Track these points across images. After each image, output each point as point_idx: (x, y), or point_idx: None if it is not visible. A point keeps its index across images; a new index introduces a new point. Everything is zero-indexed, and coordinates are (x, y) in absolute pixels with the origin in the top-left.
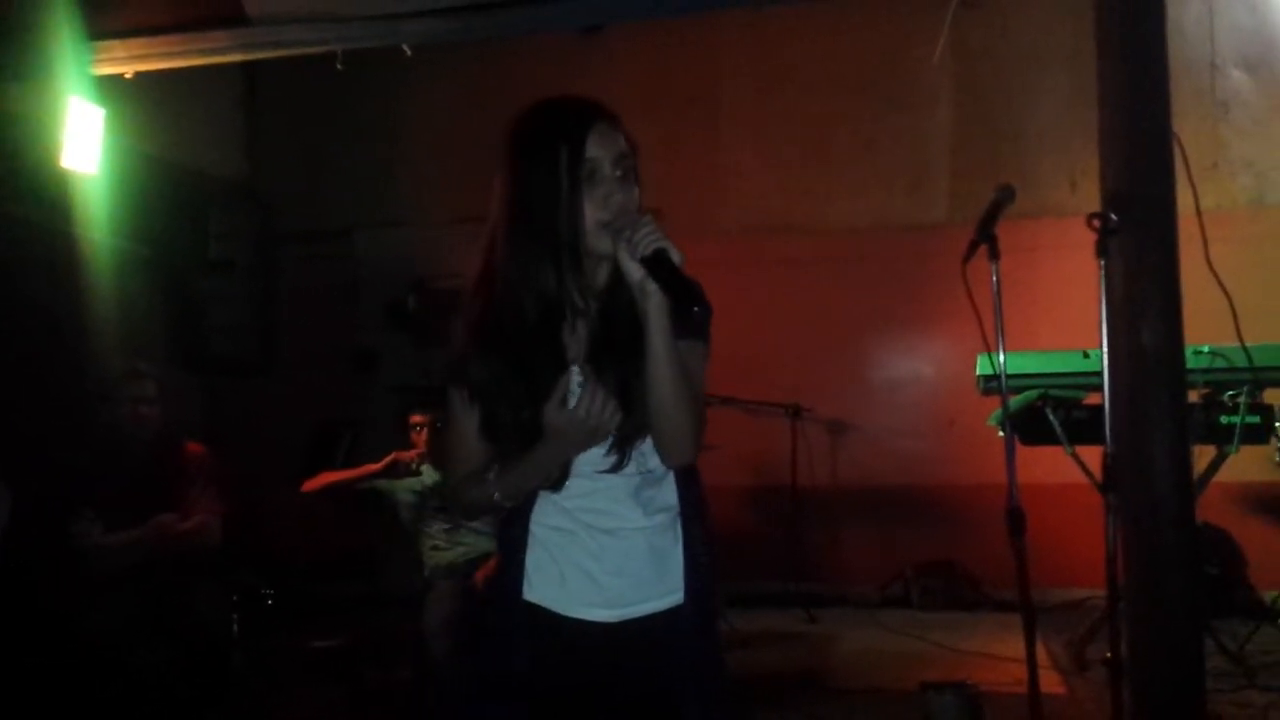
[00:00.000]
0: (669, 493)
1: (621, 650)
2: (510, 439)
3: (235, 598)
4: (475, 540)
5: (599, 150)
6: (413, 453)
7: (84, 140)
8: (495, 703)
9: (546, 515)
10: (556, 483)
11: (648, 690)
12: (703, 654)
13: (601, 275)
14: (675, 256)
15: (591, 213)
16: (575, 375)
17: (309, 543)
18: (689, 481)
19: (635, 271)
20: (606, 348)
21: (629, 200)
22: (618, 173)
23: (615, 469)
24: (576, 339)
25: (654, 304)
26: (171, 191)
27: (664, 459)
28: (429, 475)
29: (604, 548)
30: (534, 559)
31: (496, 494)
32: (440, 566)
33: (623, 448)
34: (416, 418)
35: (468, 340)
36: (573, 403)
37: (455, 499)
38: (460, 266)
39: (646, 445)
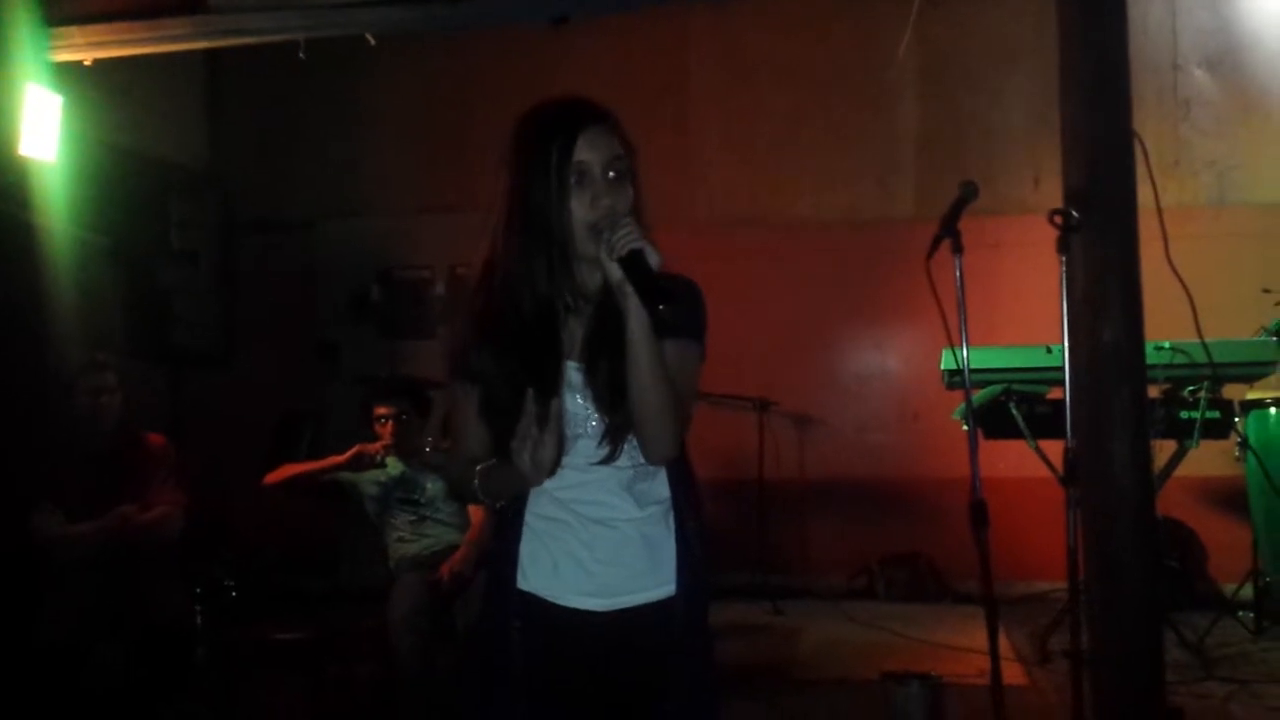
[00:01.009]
0: (662, 485)
1: (614, 640)
2: (504, 426)
3: (198, 590)
4: (440, 532)
5: (589, 153)
6: (377, 445)
7: (42, 128)
8: (494, 691)
9: (540, 505)
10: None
11: (638, 679)
12: (693, 645)
13: (598, 276)
14: (652, 259)
15: (580, 215)
16: (573, 370)
17: (272, 534)
18: (682, 474)
19: (615, 272)
20: (600, 344)
21: (619, 202)
22: (610, 175)
23: (607, 461)
24: (571, 335)
25: (633, 305)
26: (132, 180)
27: (645, 455)
28: (394, 467)
29: (596, 537)
30: (528, 549)
31: (478, 485)
32: (405, 559)
33: (614, 440)
34: (380, 409)
35: (469, 331)
36: (567, 398)
37: (453, 482)
38: (424, 257)
39: None
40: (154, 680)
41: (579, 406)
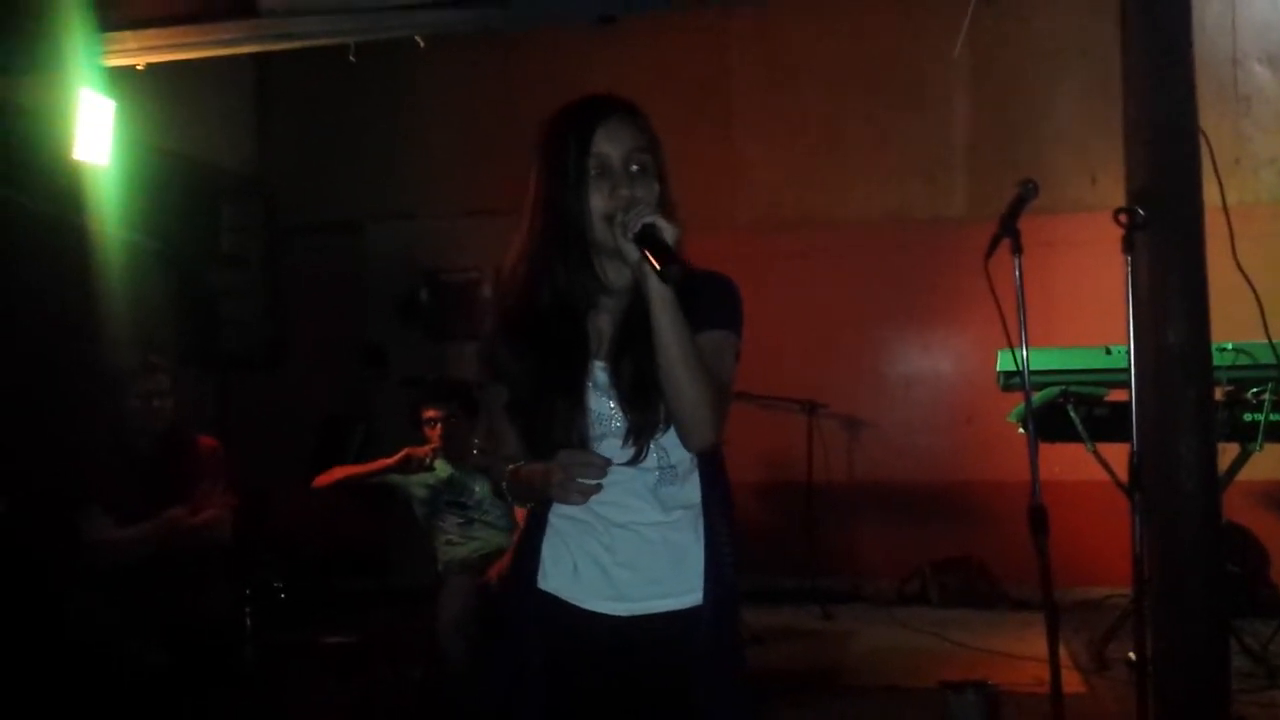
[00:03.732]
0: (692, 490)
1: (634, 646)
2: (528, 425)
3: (247, 591)
4: (489, 535)
5: (608, 145)
6: (426, 448)
7: (95, 132)
8: (514, 689)
9: (564, 505)
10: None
11: (662, 688)
12: (721, 657)
13: (623, 274)
14: (667, 232)
15: (598, 206)
16: (598, 368)
17: (321, 537)
18: (715, 479)
19: (631, 252)
20: (627, 342)
21: (643, 194)
22: (632, 168)
23: (633, 462)
24: (598, 331)
25: (654, 284)
26: (182, 184)
27: (684, 442)
28: (442, 470)
29: (616, 540)
30: (550, 549)
31: (505, 485)
32: (454, 562)
33: (639, 440)
34: (429, 412)
35: (496, 326)
36: (591, 395)
37: (492, 481)
38: (471, 259)
39: (669, 439)
40: (203, 681)
41: (604, 406)
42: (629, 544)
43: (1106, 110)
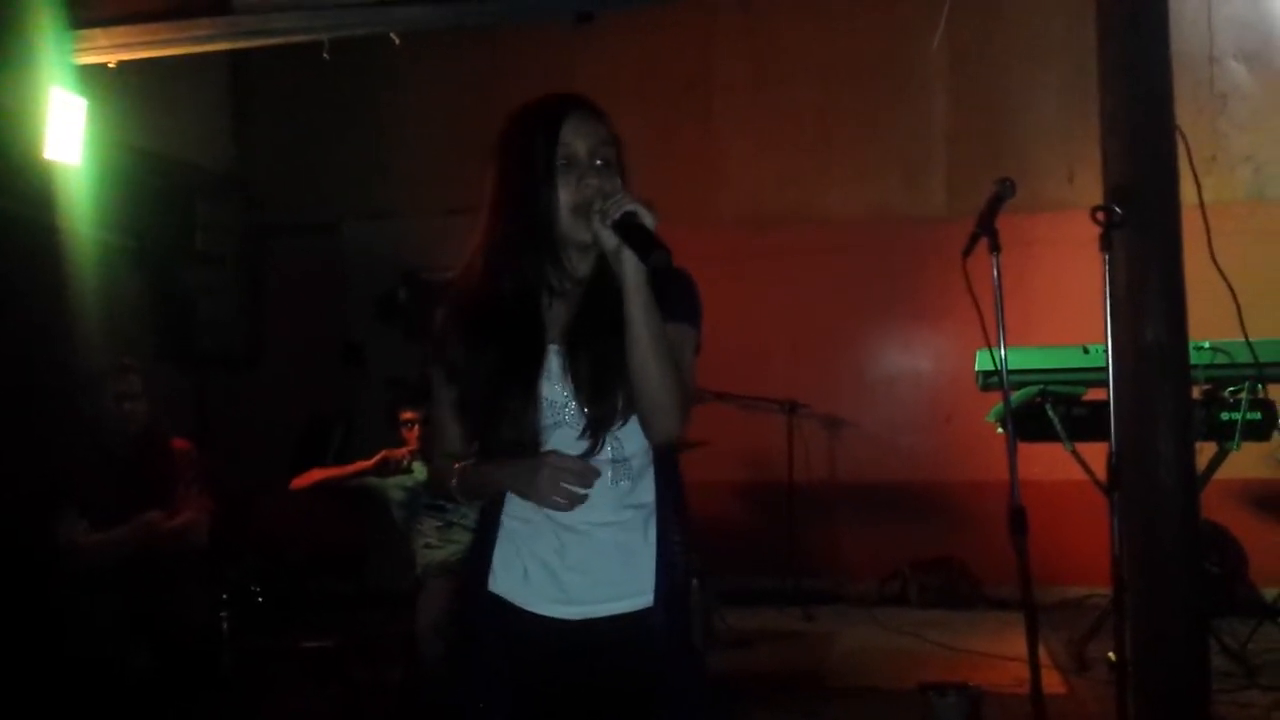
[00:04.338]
0: (645, 489)
1: (586, 650)
2: (478, 419)
3: (224, 595)
4: (468, 538)
5: (574, 138)
6: (404, 450)
7: (67, 131)
8: (476, 692)
9: (515, 506)
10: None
11: (622, 691)
12: (675, 658)
13: (585, 265)
14: (647, 219)
15: (565, 198)
16: (553, 354)
17: (299, 539)
18: (668, 478)
19: (609, 239)
20: (585, 329)
21: (606, 186)
22: (596, 161)
23: (587, 454)
24: (554, 319)
25: (630, 269)
26: (157, 183)
27: (648, 432)
28: (420, 472)
29: (566, 543)
30: (500, 551)
31: (454, 484)
32: (432, 565)
33: (595, 432)
34: (407, 414)
35: (447, 319)
36: (544, 383)
37: (433, 477)
38: (452, 259)
39: (624, 431)
40: (181, 686)
41: (557, 394)
42: (579, 546)
43: (1085, 107)
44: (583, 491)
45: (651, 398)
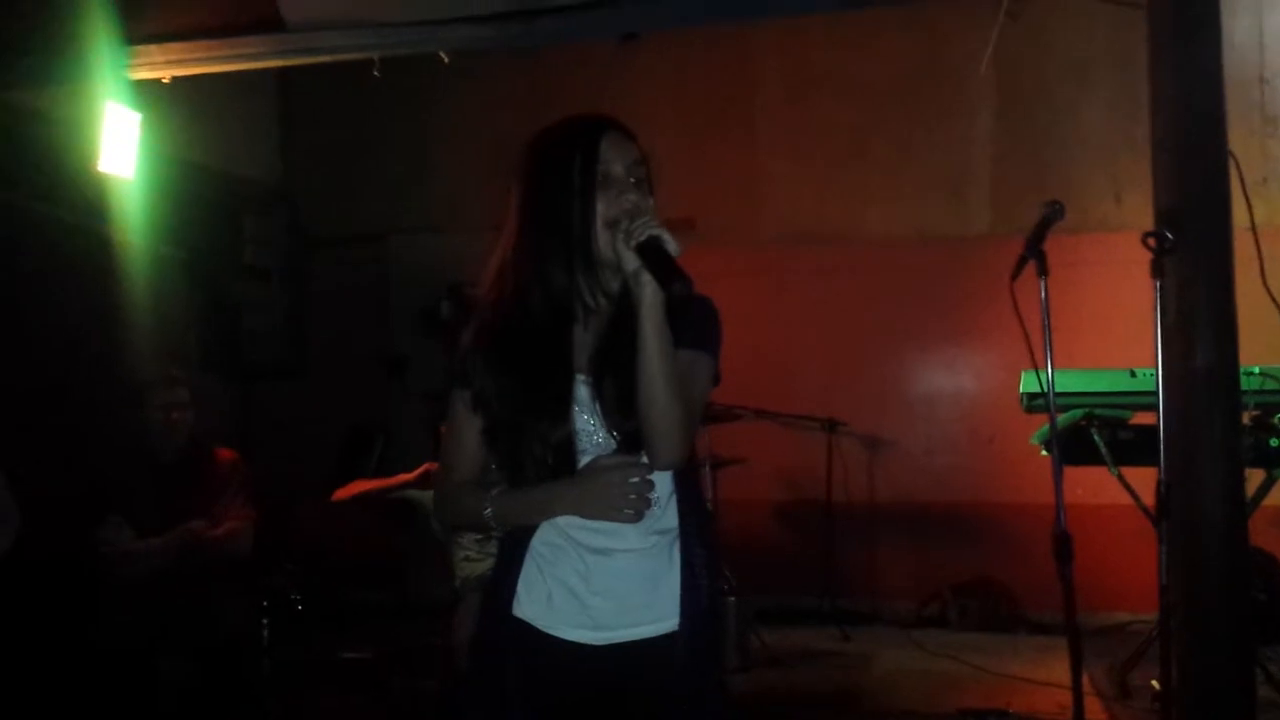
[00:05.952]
0: (669, 515)
1: (611, 675)
2: (511, 449)
3: (265, 603)
4: None
5: (612, 155)
6: None
7: (121, 145)
8: (493, 716)
9: (541, 530)
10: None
11: (641, 714)
12: (700, 682)
13: (616, 281)
14: (671, 246)
15: (602, 212)
16: (580, 383)
17: (339, 550)
18: (692, 503)
19: (630, 261)
20: (610, 356)
21: (642, 204)
22: (631, 179)
23: None
24: (582, 343)
25: (648, 293)
26: (207, 196)
27: (650, 457)
28: None
29: (591, 568)
30: (526, 575)
31: (490, 513)
32: (471, 578)
33: (631, 449)
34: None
35: (474, 341)
36: (579, 414)
37: (443, 505)
38: None
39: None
40: (220, 694)
41: (585, 423)
42: (605, 571)
43: (1132, 128)
44: (652, 493)
45: (653, 423)
